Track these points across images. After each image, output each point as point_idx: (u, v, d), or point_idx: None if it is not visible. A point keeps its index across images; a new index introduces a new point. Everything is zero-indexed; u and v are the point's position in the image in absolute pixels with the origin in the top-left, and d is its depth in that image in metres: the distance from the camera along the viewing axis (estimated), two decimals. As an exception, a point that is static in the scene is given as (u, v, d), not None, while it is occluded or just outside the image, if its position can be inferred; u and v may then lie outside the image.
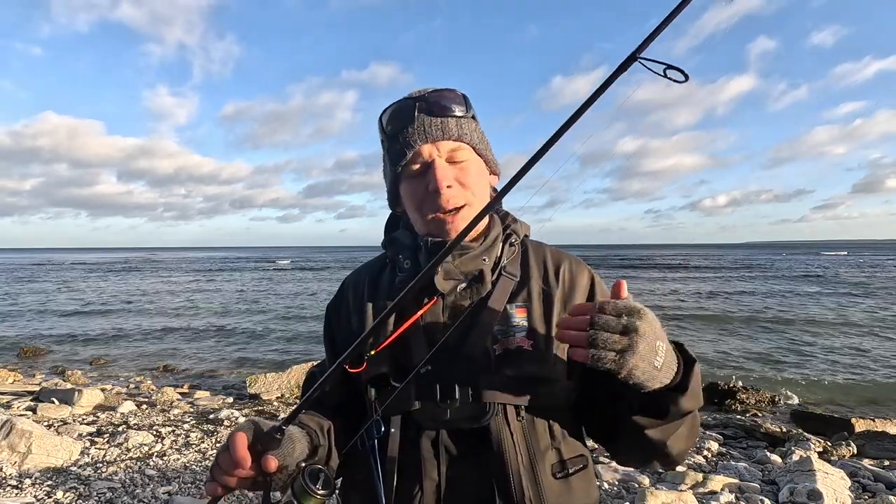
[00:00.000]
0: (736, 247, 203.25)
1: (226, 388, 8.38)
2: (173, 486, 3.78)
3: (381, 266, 1.04)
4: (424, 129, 0.88)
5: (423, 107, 0.89)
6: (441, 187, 0.87)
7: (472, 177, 0.91)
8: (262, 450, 0.74)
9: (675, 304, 19.44)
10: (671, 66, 0.66)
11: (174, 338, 13.79)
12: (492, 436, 0.82)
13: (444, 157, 0.89)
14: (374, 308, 0.96)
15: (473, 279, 0.92)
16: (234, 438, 0.74)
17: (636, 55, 0.66)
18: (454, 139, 0.89)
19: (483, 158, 0.95)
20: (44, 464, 4.03)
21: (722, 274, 36.31)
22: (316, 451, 0.84)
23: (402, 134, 0.89)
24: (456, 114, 0.90)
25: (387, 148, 0.94)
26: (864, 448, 5.34)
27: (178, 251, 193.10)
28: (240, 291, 27.73)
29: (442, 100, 0.90)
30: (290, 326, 15.62)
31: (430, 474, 0.84)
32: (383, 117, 0.93)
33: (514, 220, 1.01)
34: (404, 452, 0.84)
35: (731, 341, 12.48)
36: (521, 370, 0.85)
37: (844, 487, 3.76)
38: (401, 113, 0.90)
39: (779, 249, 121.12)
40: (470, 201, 0.91)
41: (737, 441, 5.86)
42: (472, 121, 0.94)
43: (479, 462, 0.83)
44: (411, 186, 0.92)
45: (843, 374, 9.47)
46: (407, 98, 0.92)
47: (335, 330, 1.04)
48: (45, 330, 14.95)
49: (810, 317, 16.02)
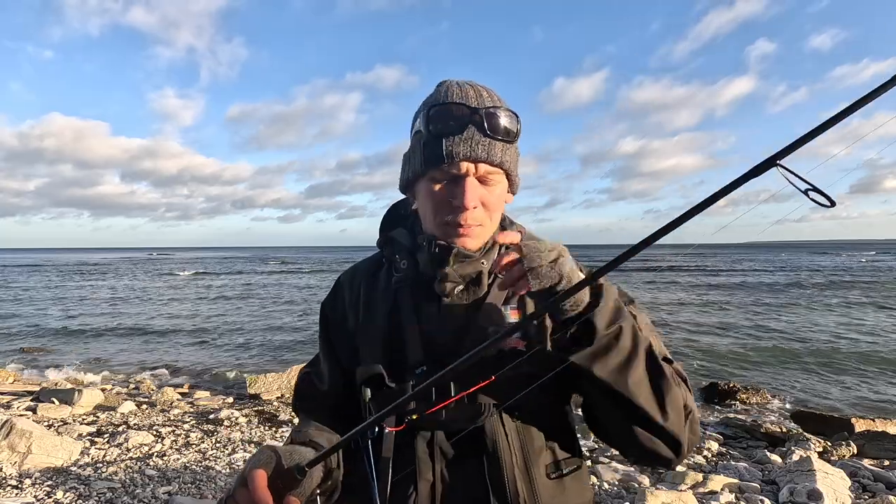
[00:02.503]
0: (736, 247, 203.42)
1: (226, 388, 8.38)
2: (173, 486, 3.78)
3: (378, 265, 1.04)
4: (471, 145, 0.85)
5: (478, 121, 0.85)
6: (468, 206, 0.86)
7: (496, 200, 0.91)
8: (282, 487, 0.71)
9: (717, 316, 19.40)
10: (815, 189, 0.59)
11: (174, 338, 13.79)
12: (486, 436, 0.83)
13: (478, 174, 0.87)
14: (370, 309, 0.97)
15: (471, 282, 0.93)
16: (254, 476, 0.70)
17: (776, 160, 0.60)
18: (495, 164, 0.87)
19: (510, 182, 0.94)
20: (44, 464, 4.03)
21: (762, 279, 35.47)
22: (330, 475, 0.82)
23: (446, 139, 0.85)
24: (506, 138, 0.88)
25: (424, 142, 0.89)
26: (864, 448, 5.34)
27: (172, 251, 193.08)
28: (240, 292, 27.74)
29: (499, 120, 0.86)
30: (290, 326, 15.62)
31: (425, 475, 0.84)
32: (431, 112, 0.87)
33: (510, 223, 1.02)
34: (399, 453, 0.84)
35: (736, 340, 12.48)
36: (516, 371, 0.84)
37: (844, 487, 3.76)
38: (452, 119, 0.86)
39: (791, 250, 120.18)
40: (485, 223, 0.91)
41: (737, 441, 5.86)
42: (516, 144, 0.92)
43: (474, 463, 0.83)
44: (433, 190, 0.89)
45: (843, 374, 9.48)
46: (462, 104, 0.87)
47: (330, 327, 1.04)
48: (46, 330, 14.96)
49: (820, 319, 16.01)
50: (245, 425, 5.59)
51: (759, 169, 0.61)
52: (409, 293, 0.94)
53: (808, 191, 0.59)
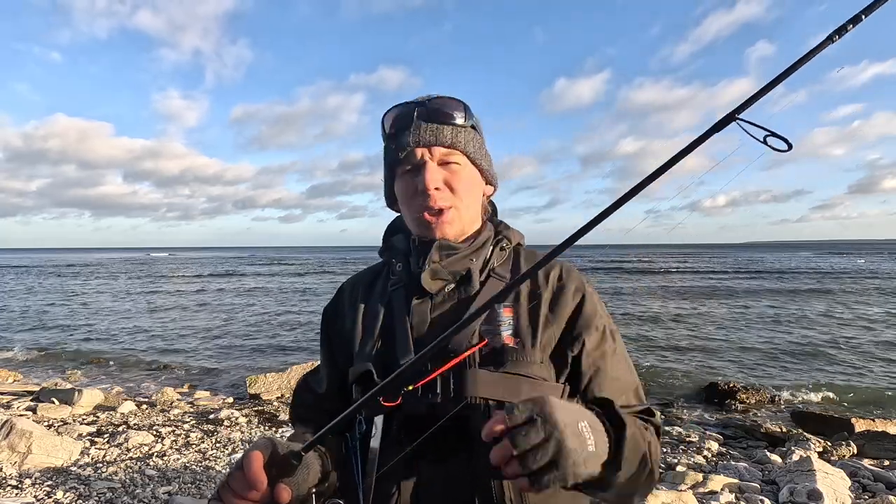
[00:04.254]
0: (737, 247, 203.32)
1: (226, 388, 8.39)
2: (173, 486, 3.78)
3: (379, 271, 1.07)
4: (420, 133, 0.92)
5: (423, 112, 0.93)
6: (429, 188, 0.90)
7: (462, 182, 0.94)
8: (276, 474, 0.71)
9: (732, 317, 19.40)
10: (773, 134, 0.61)
11: (175, 337, 13.79)
12: (472, 433, 0.82)
13: (436, 160, 0.93)
14: (366, 311, 0.98)
15: (461, 280, 0.93)
16: (250, 457, 0.70)
17: (735, 115, 0.63)
18: (446, 146, 0.93)
19: (478, 168, 0.98)
20: (44, 464, 4.03)
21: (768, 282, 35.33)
22: (327, 477, 0.82)
23: (399, 136, 0.94)
24: (454, 121, 0.94)
25: (385, 147, 0.98)
26: (864, 448, 5.34)
27: (172, 251, 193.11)
28: (239, 292, 27.74)
29: (441, 107, 0.94)
30: (290, 326, 15.63)
31: (409, 474, 0.83)
32: (385, 118, 0.98)
33: (506, 227, 1.04)
34: (385, 452, 0.83)
35: (740, 340, 12.48)
36: (506, 367, 0.85)
37: (844, 487, 3.76)
38: (401, 116, 0.95)
39: (793, 250, 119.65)
40: (456, 205, 0.93)
41: (737, 441, 5.86)
42: (472, 130, 0.97)
43: (459, 462, 0.82)
44: (403, 185, 0.96)
45: (843, 374, 9.48)
46: (409, 103, 0.96)
47: (330, 331, 1.05)
48: (46, 330, 14.97)
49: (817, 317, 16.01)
50: (245, 425, 5.59)
51: (720, 124, 0.64)
52: (403, 294, 0.95)
53: (766, 137, 0.61)
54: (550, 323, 0.90)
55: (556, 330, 0.90)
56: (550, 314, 0.91)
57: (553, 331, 0.90)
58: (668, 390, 8.44)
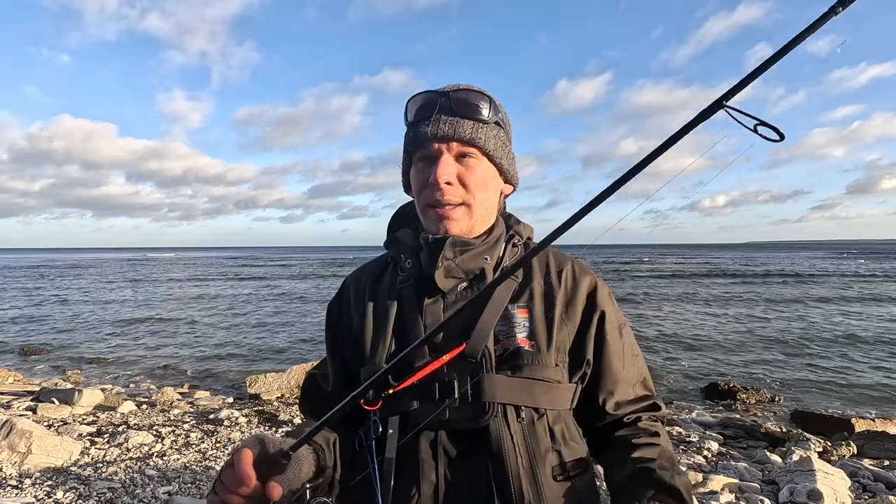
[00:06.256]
0: (736, 247, 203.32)
1: (226, 388, 8.38)
2: (173, 486, 3.78)
3: (384, 266, 1.04)
4: (439, 125, 0.89)
5: (445, 104, 0.90)
6: (440, 181, 0.88)
7: (476, 178, 0.91)
8: (266, 472, 0.71)
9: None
10: (763, 123, 0.58)
11: (174, 338, 13.79)
12: (491, 437, 0.82)
13: (452, 154, 0.90)
14: (375, 309, 0.96)
15: (475, 278, 0.92)
16: (240, 454, 0.71)
17: (723, 101, 0.60)
18: (464, 141, 0.89)
19: (497, 166, 0.95)
20: (44, 464, 4.03)
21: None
22: (322, 472, 0.82)
23: (419, 125, 0.91)
24: (475, 117, 0.90)
25: (405, 133, 0.96)
26: (864, 448, 5.34)
27: (172, 251, 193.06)
28: (239, 292, 27.73)
29: (464, 99, 0.91)
30: (290, 326, 15.61)
31: (429, 476, 0.83)
32: (409, 105, 0.94)
33: (517, 221, 1.01)
34: (402, 454, 0.83)
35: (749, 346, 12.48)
36: (522, 371, 0.84)
37: (844, 487, 3.76)
38: (424, 105, 0.92)
39: (793, 250, 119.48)
40: (469, 202, 0.91)
41: (737, 441, 5.86)
42: (495, 126, 0.93)
43: (479, 464, 0.82)
44: (416, 174, 0.94)
45: (843, 374, 9.48)
46: (434, 91, 0.93)
47: (336, 328, 1.04)
48: (46, 329, 14.96)
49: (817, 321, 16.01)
50: (245, 425, 5.58)
51: (707, 112, 0.61)
52: (414, 292, 0.93)
53: (756, 126, 0.59)
54: (565, 323, 0.90)
55: (570, 329, 0.90)
56: (565, 314, 0.91)
57: (567, 330, 0.90)
58: (668, 390, 8.44)
